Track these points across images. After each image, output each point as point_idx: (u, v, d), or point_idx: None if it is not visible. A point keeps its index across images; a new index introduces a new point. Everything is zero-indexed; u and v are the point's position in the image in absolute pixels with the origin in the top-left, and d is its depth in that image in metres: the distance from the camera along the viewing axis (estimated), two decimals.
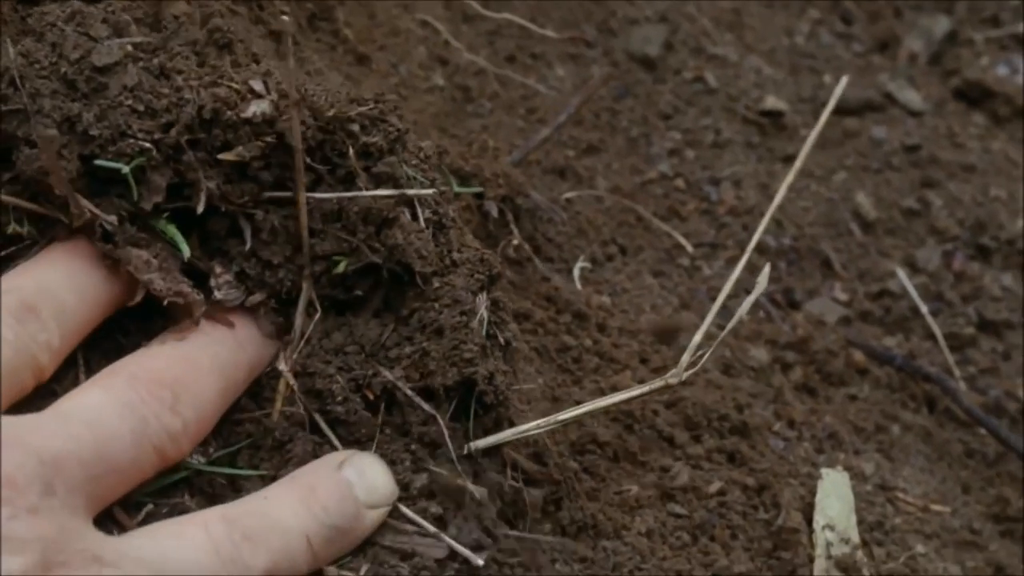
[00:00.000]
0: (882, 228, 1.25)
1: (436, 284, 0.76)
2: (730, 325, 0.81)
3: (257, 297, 0.76)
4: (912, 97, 1.37)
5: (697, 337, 0.79)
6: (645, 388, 0.78)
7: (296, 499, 0.72)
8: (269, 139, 0.74)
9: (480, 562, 0.73)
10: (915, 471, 1.07)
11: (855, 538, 0.93)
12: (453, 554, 0.73)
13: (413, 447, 0.76)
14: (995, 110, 1.41)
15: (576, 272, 1.07)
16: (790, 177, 0.78)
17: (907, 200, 1.28)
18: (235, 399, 0.76)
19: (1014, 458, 1.11)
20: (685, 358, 0.77)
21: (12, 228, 0.74)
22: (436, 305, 0.76)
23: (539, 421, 0.78)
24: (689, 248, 1.16)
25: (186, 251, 0.75)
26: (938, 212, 1.27)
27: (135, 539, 0.68)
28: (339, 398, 0.75)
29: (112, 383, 0.71)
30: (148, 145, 0.73)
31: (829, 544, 0.91)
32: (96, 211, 0.73)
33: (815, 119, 1.28)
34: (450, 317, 0.76)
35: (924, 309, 1.20)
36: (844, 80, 0.82)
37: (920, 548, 0.97)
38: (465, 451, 0.77)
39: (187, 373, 0.73)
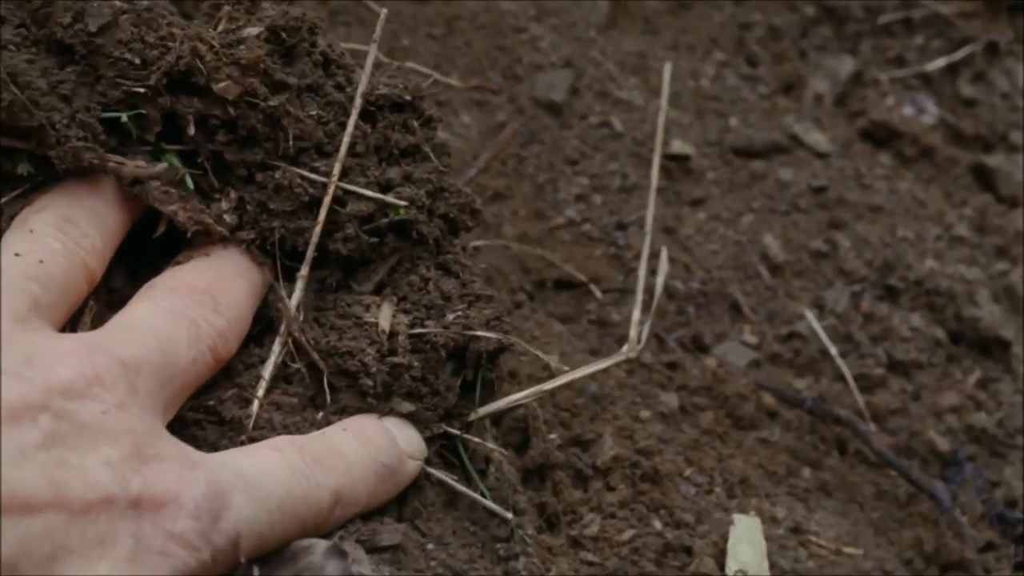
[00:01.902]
0: (790, 270, 1.25)
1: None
2: (657, 296, 0.82)
3: (248, 234, 0.81)
4: (818, 139, 1.37)
5: (636, 313, 0.91)
6: (608, 361, 0.88)
7: (352, 437, 0.77)
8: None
9: (510, 516, 0.80)
10: (827, 514, 1.06)
11: None
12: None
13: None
14: (901, 150, 1.41)
15: None
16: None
17: (815, 242, 1.28)
18: (259, 303, 0.81)
19: (926, 499, 1.11)
20: (633, 332, 0.89)
21: (24, 169, 0.77)
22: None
23: (529, 390, 0.87)
24: (598, 294, 1.16)
25: (190, 183, 0.80)
26: (846, 253, 1.27)
27: (213, 456, 0.72)
28: (345, 352, 0.80)
29: (155, 295, 0.76)
30: (142, 90, 0.78)
31: None
32: (118, 159, 0.78)
33: (722, 162, 1.28)
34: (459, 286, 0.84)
35: (833, 351, 1.19)
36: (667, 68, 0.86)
37: None
38: (471, 417, 0.84)
39: (218, 279, 0.78)
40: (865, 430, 1.13)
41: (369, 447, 0.77)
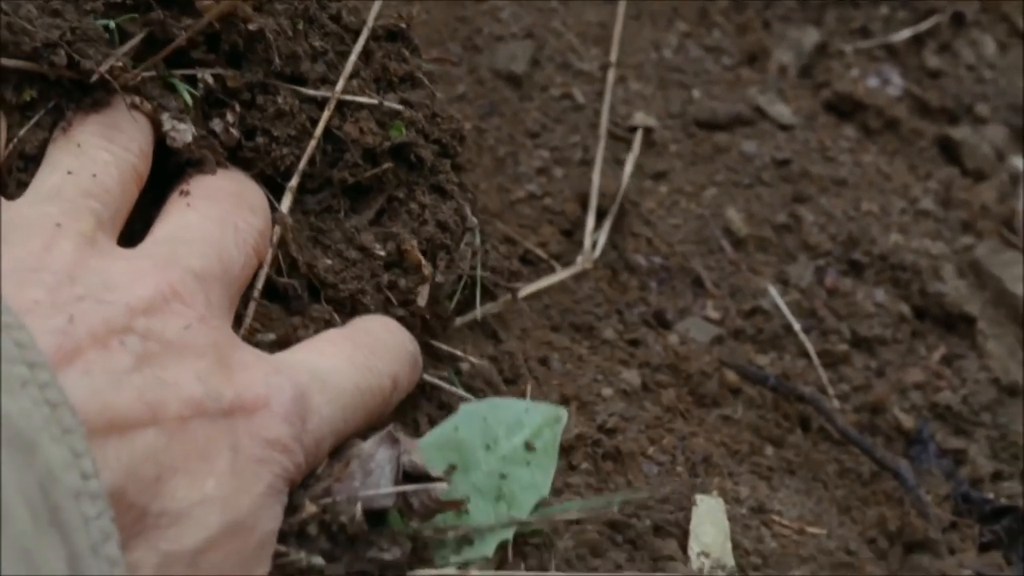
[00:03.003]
0: (753, 244, 1.24)
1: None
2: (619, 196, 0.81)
3: (251, 152, 0.84)
4: (782, 111, 1.36)
5: (590, 221, 0.96)
6: (563, 274, 0.97)
7: (382, 326, 0.82)
8: None
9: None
10: (790, 493, 1.05)
11: (730, 563, 0.91)
12: None
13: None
14: (866, 122, 1.40)
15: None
16: None
17: (778, 216, 1.27)
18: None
19: (890, 477, 1.10)
20: (587, 241, 0.95)
21: (28, 95, 0.77)
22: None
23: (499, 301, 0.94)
24: (558, 268, 1.14)
25: (188, 98, 0.81)
26: (809, 228, 1.26)
27: (280, 355, 0.74)
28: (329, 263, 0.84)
29: (196, 203, 0.77)
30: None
31: (704, 571, 0.89)
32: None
33: (685, 135, 1.26)
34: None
35: (797, 326, 1.18)
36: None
37: (796, 572, 0.96)
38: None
39: (239, 185, 0.80)
40: (828, 408, 1.12)
41: (398, 335, 0.82)
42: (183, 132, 0.80)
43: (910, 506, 1.08)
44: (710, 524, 0.93)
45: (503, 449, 0.84)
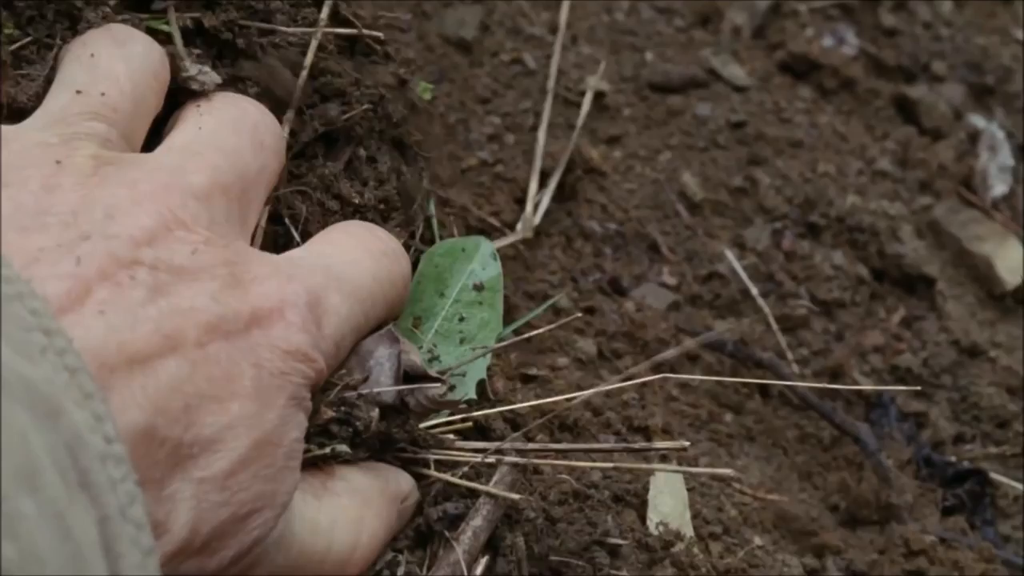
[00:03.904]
0: (709, 208, 1.22)
1: None
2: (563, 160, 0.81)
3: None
4: (736, 72, 1.34)
5: (533, 186, 0.98)
6: (503, 241, 0.98)
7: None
8: None
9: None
10: (750, 460, 1.05)
11: (689, 533, 0.90)
12: None
13: None
14: (821, 82, 1.38)
15: None
16: None
17: (734, 179, 1.25)
18: None
19: (850, 442, 1.09)
20: (529, 208, 0.98)
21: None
22: None
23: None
24: (514, 237, 1.12)
25: (179, 39, 0.80)
26: (766, 191, 1.25)
27: (295, 255, 0.75)
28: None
29: (211, 109, 0.77)
30: None
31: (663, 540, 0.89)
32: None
33: (638, 98, 1.25)
34: None
35: (754, 291, 1.17)
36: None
37: (758, 540, 0.95)
38: None
39: (254, 102, 0.80)
40: (788, 373, 1.11)
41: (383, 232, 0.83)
42: (209, 75, 0.79)
43: (871, 471, 1.07)
44: (668, 494, 0.93)
45: (455, 293, 0.88)
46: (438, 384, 0.76)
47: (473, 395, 0.84)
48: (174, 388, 0.61)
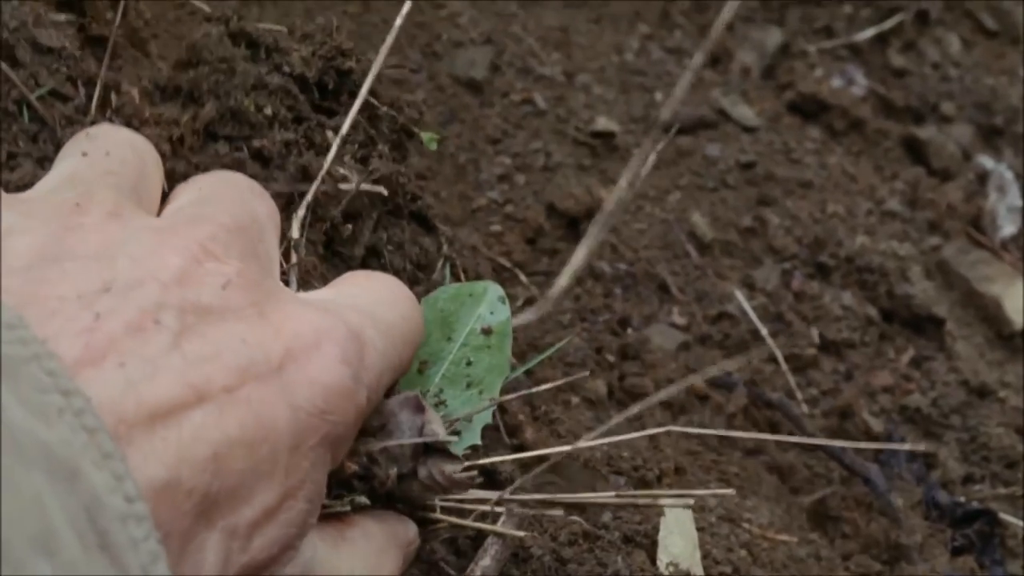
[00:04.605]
0: (719, 249, 1.23)
1: None
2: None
3: None
4: (746, 113, 1.35)
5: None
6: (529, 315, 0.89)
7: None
8: None
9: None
10: (760, 500, 1.04)
11: (700, 573, 0.90)
12: None
13: None
14: (831, 123, 1.39)
15: None
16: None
17: (744, 219, 1.26)
18: None
19: (860, 483, 1.09)
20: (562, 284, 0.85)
21: None
22: None
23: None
24: (523, 277, 1.13)
25: None
26: (775, 231, 1.25)
27: (324, 295, 0.73)
28: None
29: (202, 177, 0.75)
30: None
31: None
32: None
33: (647, 138, 1.25)
34: None
35: (764, 331, 1.17)
36: None
37: None
38: None
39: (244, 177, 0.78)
40: (797, 413, 1.11)
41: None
42: None
43: (881, 512, 1.07)
44: (679, 534, 0.92)
45: (463, 337, 0.86)
46: (457, 462, 0.75)
47: (478, 441, 0.82)
48: (200, 437, 0.58)
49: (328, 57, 0.88)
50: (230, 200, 0.72)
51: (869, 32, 1.51)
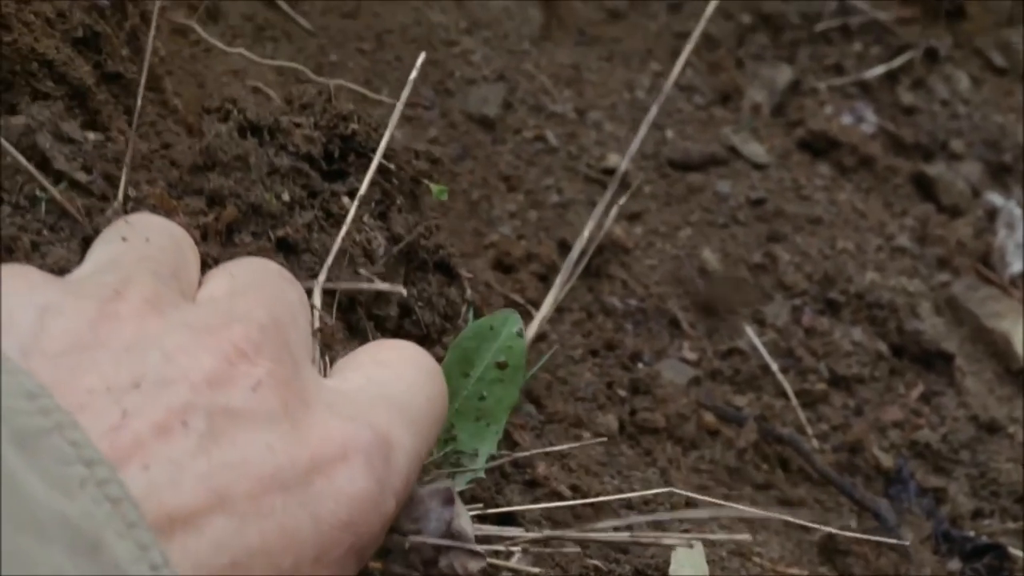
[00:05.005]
0: (729, 285, 1.24)
1: None
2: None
3: None
4: (756, 150, 1.36)
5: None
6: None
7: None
8: None
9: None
10: (770, 534, 1.05)
11: None
12: None
13: None
14: (840, 160, 1.40)
15: None
16: None
17: (754, 255, 1.26)
18: None
19: (870, 517, 1.10)
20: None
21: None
22: None
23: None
24: (534, 312, 1.13)
25: None
26: (785, 267, 1.26)
27: (353, 386, 0.70)
28: None
29: (232, 263, 0.74)
30: None
31: None
32: None
33: (659, 175, 1.26)
34: None
35: (774, 366, 1.18)
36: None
37: None
38: None
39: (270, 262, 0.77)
40: (807, 449, 1.12)
41: None
42: None
43: (891, 546, 1.07)
44: (689, 568, 0.92)
45: (479, 372, 0.86)
46: (479, 559, 0.74)
47: (483, 475, 0.83)
48: (219, 545, 0.57)
49: (330, 127, 0.88)
50: (263, 292, 0.71)
51: (879, 70, 1.52)
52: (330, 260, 0.83)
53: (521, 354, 0.88)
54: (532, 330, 0.99)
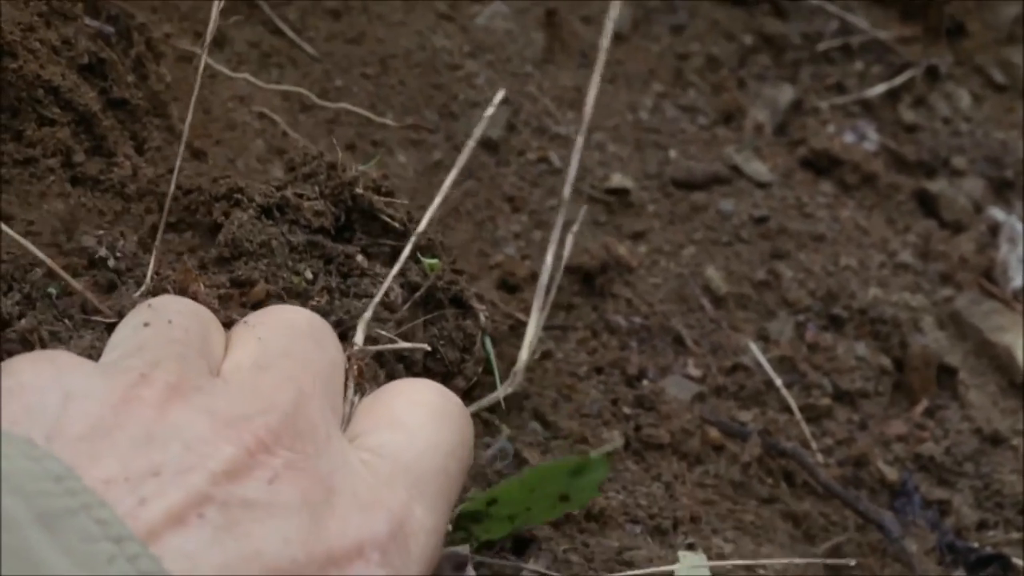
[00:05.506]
0: (733, 302, 1.24)
1: None
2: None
3: None
4: (759, 168, 1.37)
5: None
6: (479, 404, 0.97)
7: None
8: None
9: None
10: (775, 548, 1.05)
11: None
12: None
13: None
14: (843, 178, 1.41)
15: None
16: None
17: (758, 273, 1.27)
18: None
19: (874, 530, 1.10)
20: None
21: None
22: None
23: None
24: (540, 332, 1.14)
25: None
26: (789, 284, 1.26)
27: (374, 448, 0.69)
28: None
29: (260, 320, 0.74)
30: None
31: None
32: None
33: (662, 195, 1.27)
34: None
35: (778, 382, 1.18)
36: None
37: None
38: None
39: (301, 311, 0.78)
40: (812, 463, 1.12)
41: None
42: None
43: (895, 558, 1.08)
44: (694, 571, 0.93)
45: (542, 491, 0.82)
46: None
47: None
48: None
49: (335, 194, 0.90)
50: (291, 363, 0.70)
51: (880, 88, 1.53)
52: (360, 335, 0.84)
53: (587, 499, 0.87)
54: (523, 355, 1.01)
